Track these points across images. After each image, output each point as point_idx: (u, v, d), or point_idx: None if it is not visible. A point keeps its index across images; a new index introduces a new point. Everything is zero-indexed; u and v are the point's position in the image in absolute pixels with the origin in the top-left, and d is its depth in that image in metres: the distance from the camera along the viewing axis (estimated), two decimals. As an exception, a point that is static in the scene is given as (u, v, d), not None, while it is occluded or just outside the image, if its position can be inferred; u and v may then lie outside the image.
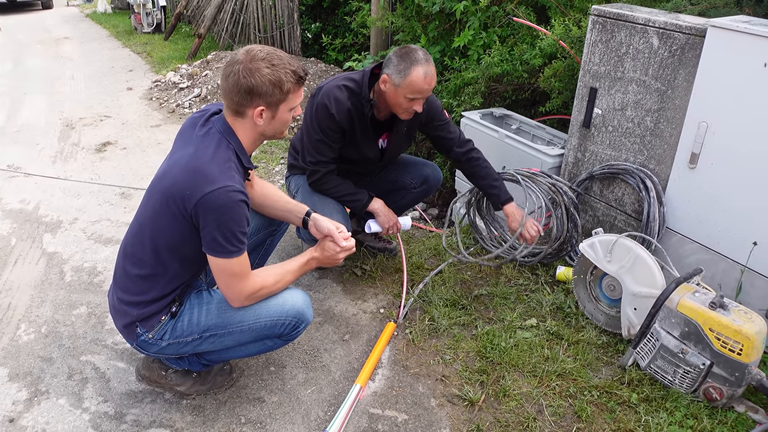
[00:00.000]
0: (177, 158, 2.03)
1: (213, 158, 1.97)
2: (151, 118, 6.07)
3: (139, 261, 2.10)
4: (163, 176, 2.04)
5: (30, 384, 2.49)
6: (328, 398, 2.44)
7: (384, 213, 2.95)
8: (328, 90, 2.77)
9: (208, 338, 2.18)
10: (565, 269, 3.09)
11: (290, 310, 2.19)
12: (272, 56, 1.99)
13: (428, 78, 2.65)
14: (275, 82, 1.97)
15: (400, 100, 2.69)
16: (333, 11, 7.37)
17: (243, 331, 2.18)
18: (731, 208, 2.60)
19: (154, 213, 2.03)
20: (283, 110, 2.05)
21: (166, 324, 2.14)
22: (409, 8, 4.63)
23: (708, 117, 2.58)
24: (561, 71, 3.55)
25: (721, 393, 2.25)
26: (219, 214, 1.92)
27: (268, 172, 4.69)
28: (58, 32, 11.09)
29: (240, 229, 1.97)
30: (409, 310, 2.95)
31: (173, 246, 2.04)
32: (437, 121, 3.00)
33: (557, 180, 3.09)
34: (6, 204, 4.11)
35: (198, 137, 2.04)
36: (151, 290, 2.10)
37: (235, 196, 1.92)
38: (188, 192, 1.92)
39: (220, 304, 2.18)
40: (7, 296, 3.07)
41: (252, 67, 1.95)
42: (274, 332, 2.22)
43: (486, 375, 2.51)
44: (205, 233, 1.96)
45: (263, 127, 2.07)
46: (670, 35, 2.68)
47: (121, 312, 2.16)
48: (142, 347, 2.20)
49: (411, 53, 2.65)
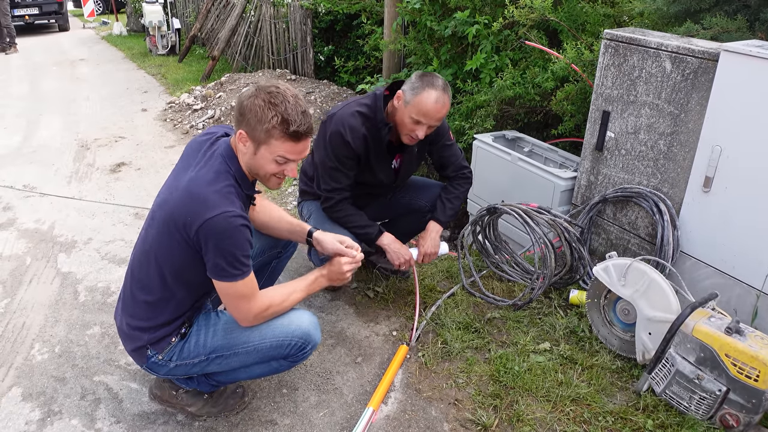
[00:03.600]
0: (178, 182, 2.03)
1: (213, 183, 1.97)
2: (165, 139, 6.13)
3: (146, 287, 2.10)
4: (164, 202, 2.04)
5: (43, 404, 2.50)
6: (341, 421, 2.43)
7: (394, 249, 2.92)
8: (342, 117, 2.77)
9: (215, 359, 2.18)
10: (578, 293, 3.08)
11: (296, 330, 2.17)
12: (278, 95, 1.94)
13: (438, 104, 2.62)
14: (260, 117, 1.92)
15: (405, 119, 2.69)
16: (346, 34, 7.45)
17: (249, 352, 2.18)
18: (746, 232, 2.58)
19: (159, 239, 2.03)
20: (264, 153, 1.99)
21: (175, 346, 2.14)
22: (422, 32, 4.67)
23: (722, 141, 2.57)
24: (573, 94, 3.57)
25: (738, 420, 2.22)
26: (220, 239, 1.92)
27: (281, 193, 4.71)
28: (74, 54, 11.26)
29: (242, 252, 1.96)
30: (422, 332, 2.94)
31: (179, 272, 2.05)
32: (445, 140, 3.03)
33: (557, 216, 3.04)
34: (21, 224, 4.16)
35: (201, 160, 2.04)
36: (160, 315, 2.11)
37: (235, 222, 1.92)
38: (189, 218, 1.92)
39: (226, 325, 2.18)
40: (22, 316, 3.09)
41: (256, 93, 1.95)
42: (280, 353, 2.19)
43: (499, 399, 2.49)
44: (208, 258, 1.96)
45: (247, 159, 2.03)
46: (682, 59, 2.69)
47: (131, 337, 2.16)
48: (152, 369, 2.20)
49: (431, 77, 2.66)
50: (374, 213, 3.32)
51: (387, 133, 2.78)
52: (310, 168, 3.10)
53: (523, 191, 3.54)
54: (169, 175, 2.16)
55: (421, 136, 2.71)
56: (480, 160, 3.88)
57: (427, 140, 2.95)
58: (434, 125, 2.71)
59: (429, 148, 3.06)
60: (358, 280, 3.36)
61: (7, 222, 4.18)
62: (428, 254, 2.99)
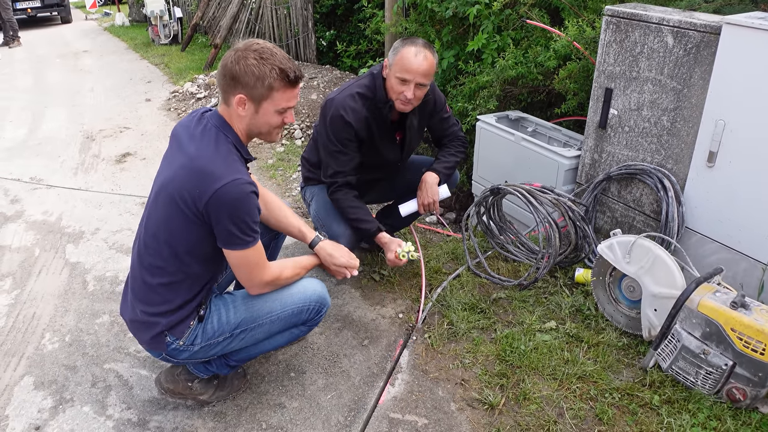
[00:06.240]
0: (179, 160, 2.03)
1: (215, 153, 1.98)
2: (169, 128, 6.12)
3: (158, 270, 2.10)
4: (168, 182, 2.03)
5: (55, 392, 2.53)
6: (348, 403, 2.45)
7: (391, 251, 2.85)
8: (342, 101, 2.77)
9: (239, 335, 2.22)
10: (583, 271, 3.08)
11: (312, 295, 2.29)
12: (265, 50, 1.98)
13: (419, 57, 2.62)
14: (258, 75, 1.96)
15: (392, 82, 2.70)
16: (347, 18, 7.42)
17: (273, 322, 2.24)
18: (751, 206, 2.57)
19: (167, 219, 2.03)
20: (267, 108, 2.03)
21: (195, 328, 2.16)
22: (423, 14, 4.64)
23: (725, 115, 2.56)
24: (576, 72, 3.54)
25: (745, 394, 2.23)
26: (232, 207, 1.94)
27: (286, 180, 4.72)
28: (77, 46, 11.27)
29: (253, 219, 1.99)
30: (428, 314, 2.95)
31: (192, 248, 2.06)
32: (443, 113, 3.06)
33: (560, 195, 3.02)
34: (29, 216, 4.19)
35: (196, 135, 2.05)
36: (176, 297, 2.12)
37: (245, 188, 1.95)
38: (197, 191, 1.93)
39: (245, 300, 2.23)
40: (32, 306, 3.13)
41: (241, 55, 1.97)
42: (300, 319, 2.29)
43: (506, 378, 2.50)
44: (220, 228, 1.97)
45: (248, 121, 2.06)
46: (684, 33, 2.66)
47: (147, 324, 2.15)
48: (172, 355, 2.20)
49: (411, 38, 2.69)
50: (379, 195, 3.33)
51: (389, 111, 2.78)
52: (312, 155, 3.09)
53: (528, 171, 3.53)
54: (162, 160, 2.16)
55: (410, 96, 2.68)
56: (483, 141, 3.87)
57: (426, 114, 2.95)
58: (421, 83, 2.68)
59: (428, 123, 3.06)
60: (364, 264, 3.37)
61: (15, 214, 4.21)
62: (427, 204, 2.98)
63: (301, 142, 5.56)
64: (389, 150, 2.95)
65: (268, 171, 4.90)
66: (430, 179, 3.00)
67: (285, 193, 4.48)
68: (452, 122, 3.13)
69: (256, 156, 2.31)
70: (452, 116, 3.13)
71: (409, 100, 2.70)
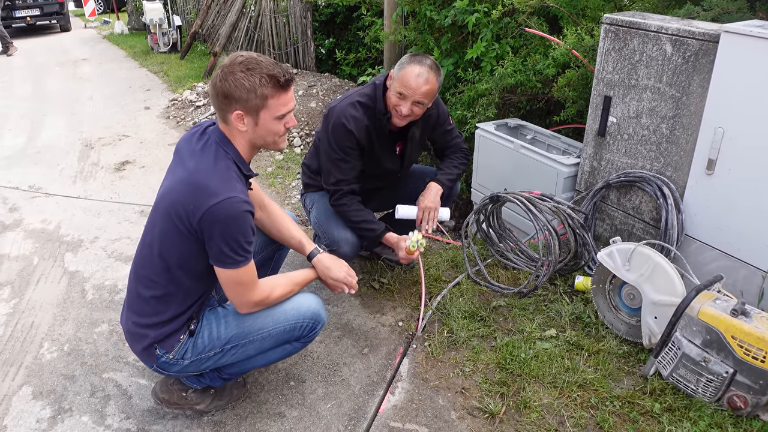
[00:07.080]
0: (178, 174, 2.03)
1: (213, 170, 1.98)
2: (168, 136, 6.14)
3: (151, 282, 2.10)
4: (165, 194, 2.04)
5: (53, 402, 2.52)
6: (348, 412, 2.44)
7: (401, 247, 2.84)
8: (343, 109, 2.78)
9: (230, 350, 2.20)
10: (583, 279, 3.08)
11: (306, 312, 2.25)
12: (250, 61, 1.97)
13: (420, 78, 2.63)
14: (249, 87, 1.94)
15: (391, 95, 2.71)
16: (346, 27, 7.44)
17: (264, 338, 2.22)
18: (751, 214, 2.57)
19: (161, 232, 2.04)
20: (266, 117, 2.02)
21: (185, 343, 2.15)
22: (422, 22, 4.66)
23: (724, 123, 2.56)
24: (575, 80, 3.55)
25: (746, 401, 2.22)
26: (225, 225, 1.92)
27: (285, 188, 4.72)
28: (76, 54, 11.27)
29: (245, 239, 1.98)
30: (428, 322, 2.95)
31: (183, 263, 2.05)
32: (446, 125, 3.06)
33: (560, 202, 3.03)
34: (28, 224, 4.18)
35: (196, 151, 2.04)
36: (167, 310, 2.11)
37: (240, 207, 1.93)
38: (192, 207, 1.92)
39: (237, 315, 2.20)
40: (31, 315, 3.12)
41: (228, 71, 1.95)
42: (293, 336, 2.26)
43: (506, 387, 2.49)
44: (212, 245, 1.96)
45: (250, 134, 2.05)
46: (683, 42, 2.67)
47: (138, 335, 2.16)
48: (163, 368, 2.20)
49: (421, 56, 2.70)
50: (379, 204, 3.33)
51: (387, 122, 2.78)
52: (313, 161, 3.10)
53: (527, 179, 3.54)
54: (166, 173, 2.17)
55: (405, 112, 2.69)
56: (483, 148, 3.87)
57: (429, 126, 2.96)
58: (419, 101, 2.69)
59: (430, 135, 3.06)
60: (364, 272, 3.37)
61: (13, 223, 4.21)
62: (428, 208, 2.94)
63: (300, 150, 5.56)
64: (389, 160, 2.96)
65: (267, 179, 4.89)
66: (434, 188, 3.01)
67: (284, 201, 4.48)
68: (455, 134, 3.14)
69: (257, 172, 2.28)
70: (455, 128, 3.14)
71: (405, 116, 2.72)
